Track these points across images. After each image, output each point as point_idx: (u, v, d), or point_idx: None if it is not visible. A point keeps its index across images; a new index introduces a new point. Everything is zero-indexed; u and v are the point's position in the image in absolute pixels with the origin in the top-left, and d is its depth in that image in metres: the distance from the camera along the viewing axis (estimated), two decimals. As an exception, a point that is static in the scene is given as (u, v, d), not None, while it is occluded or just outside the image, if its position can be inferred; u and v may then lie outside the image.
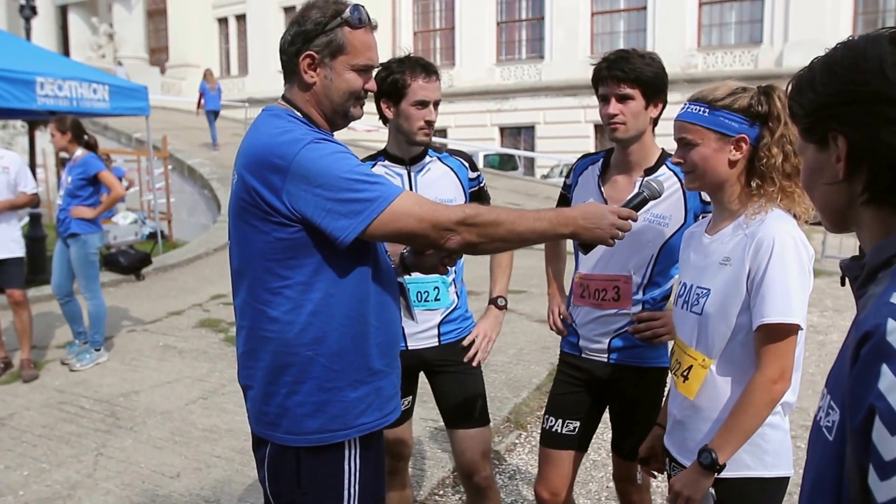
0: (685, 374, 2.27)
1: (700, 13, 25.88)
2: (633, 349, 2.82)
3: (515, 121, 28.49)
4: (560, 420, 2.95)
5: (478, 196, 3.12)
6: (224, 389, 5.95)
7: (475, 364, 3.07)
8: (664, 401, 2.55)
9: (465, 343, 3.08)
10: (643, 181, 2.61)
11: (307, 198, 1.95)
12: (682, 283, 2.35)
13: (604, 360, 2.87)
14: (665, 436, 2.43)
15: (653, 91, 2.68)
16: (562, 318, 3.01)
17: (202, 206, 16.53)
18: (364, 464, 2.16)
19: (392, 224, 1.98)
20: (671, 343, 2.81)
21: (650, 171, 2.77)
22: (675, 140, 2.26)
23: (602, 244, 2.17)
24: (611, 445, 3.08)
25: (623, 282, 2.79)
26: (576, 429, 2.94)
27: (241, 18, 33.03)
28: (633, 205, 2.28)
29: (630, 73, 2.64)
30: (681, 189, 2.73)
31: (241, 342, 2.18)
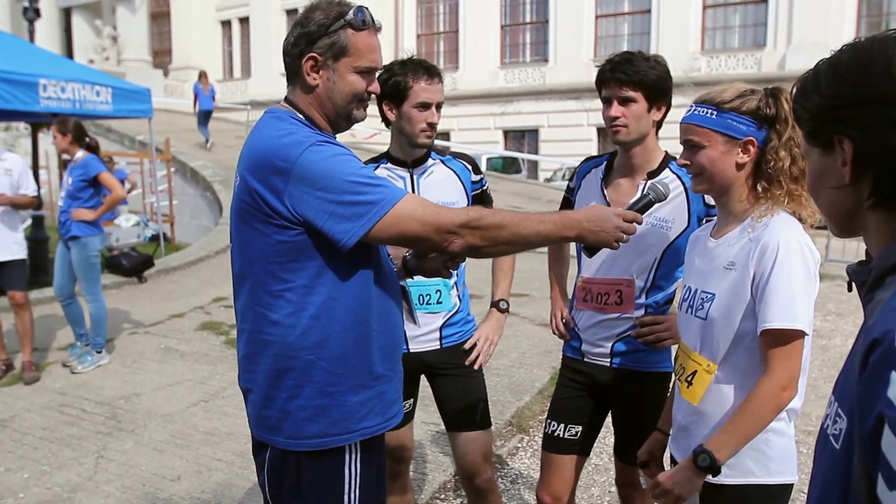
0: (689, 380, 2.25)
1: (704, 16, 25.85)
2: (636, 353, 2.80)
3: (519, 124, 28.47)
4: (562, 424, 2.93)
5: (481, 199, 3.11)
6: (225, 392, 5.94)
7: (477, 367, 3.06)
8: (666, 406, 2.53)
9: (467, 346, 3.08)
10: (649, 183, 2.60)
11: (309, 200, 1.94)
12: (687, 288, 2.33)
13: (606, 365, 2.85)
14: (669, 441, 2.41)
15: (656, 94, 2.66)
16: (564, 323, 3.00)
17: (204, 209, 16.53)
18: (365, 468, 2.14)
19: (395, 227, 1.96)
20: (674, 347, 2.80)
21: (653, 175, 2.76)
22: (682, 142, 2.24)
23: (606, 247, 2.16)
24: (613, 450, 3.07)
25: (626, 286, 2.77)
26: (578, 433, 2.92)
27: (245, 21, 33.07)
28: (638, 207, 2.26)
29: (633, 76, 2.62)
30: (684, 192, 2.71)
31: (242, 345, 2.17)
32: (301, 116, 2.12)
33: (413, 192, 2.94)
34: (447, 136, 28.12)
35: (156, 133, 12.22)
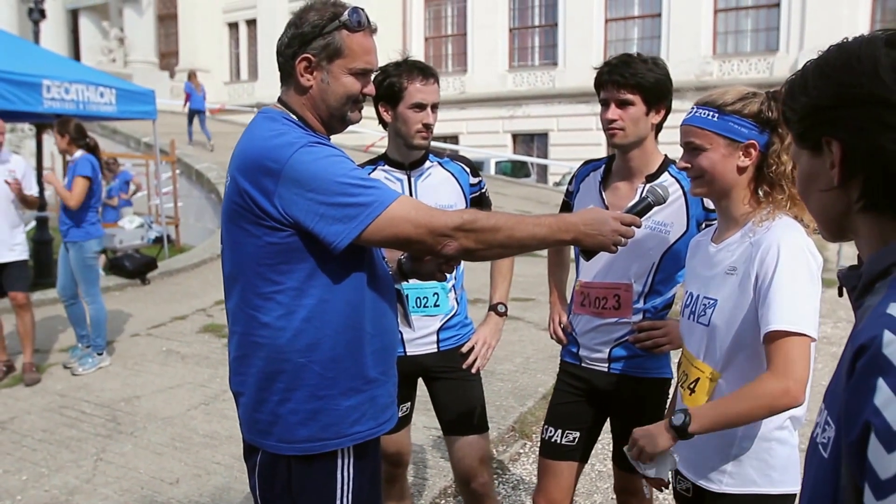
0: (692, 387, 2.21)
1: (715, 20, 25.59)
2: (634, 359, 2.76)
3: (528, 128, 28.25)
4: (560, 430, 2.90)
5: (479, 202, 3.08)
6: (225, 395, 5.91)
7: (474, 371, 3.04)
8: (667, 412, 2.49)
9: (465, 350, 3.05)
10: (648, 186, 2.57)
11: (300, 202, 1.91)
12: (689, 294, 2.30)
13: (604, 370, 2.81)
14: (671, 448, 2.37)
15: (654, 97, 2.63)
16: (562, 327, 2.97)
17: (209, 211, 16.51)
18: (358, 474, 2.11)
19: (388, 229, 1.93)
20: (673, 353, 2.76)
21: (652, 178, 2.72)
22: (682, 145, 2.20)
23: (604, 251, 2.12)
24: (611, 457, 3.02)
25: (624, 290, 2.73)
26: (576, 439, 2.88)
27: (252, 23, 33.07)
28: (637, 210, 2.23)
29: (630, 79, 2.59)
30: (683, 196, 2.68)
31: (233, 348, 2.15)
32: (294, 117, 2.10)
33: (410, 195, 2.92)
34: (456, 140, 28.02)
35: (162, 135, 12.23)
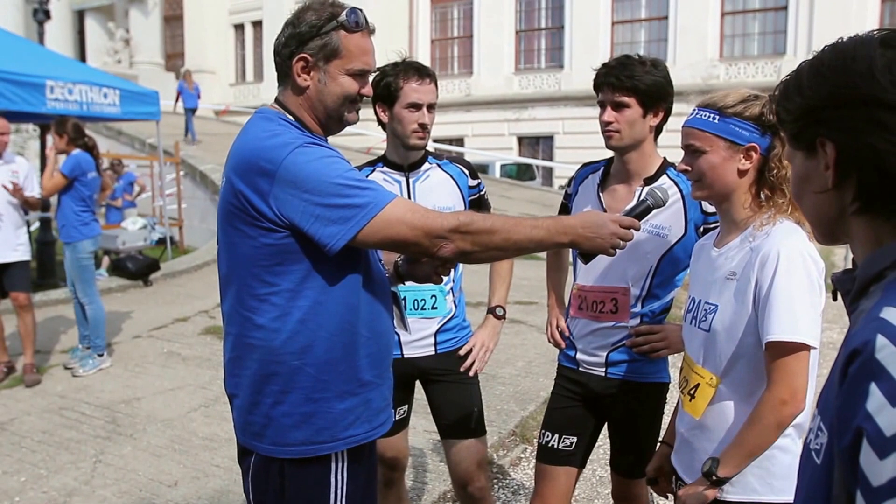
0: (692, 393, 2.19)
1: (722, 23, 25.32)
2: (631, 363, 2.74)
3: (534, 130, 27.97)
4: (556, 435, 2.87)
5: (478, 204, 3.06)
6: (225, 398, 5.78)
7: (472, 374, 3.03)
8: (672, 418, 2.46)
9: (462, 352, 3.04)
10: (647, 189, 2.55)
11: (295, 203, 1.90)
12: (691, 298, 2.28)
13: (601, 374, 2.79)
14: (672, 454, 2.35)
15: (651, 100, 2.60)
16: (560, 331, 2.94)
17: (213, 213, 16.38)
18: (352, 478, 2.10)
19: (383, 231, 1.92)
20: (671, 357, 2.73)
21: (650, 181, 2.70)
22: (683, 147, 2.18)
23: (602, 254, 2.10)
24: (609, 462, 2.99)
25: (621, 294, 2.71)
26: (573, 444, 2.86)
27: (258, 25, 33.05)
28: (636, 213, 2.21)
29: (626, 82, 2.57)
30: (681, 199, 2.66)
31: (228, 349, 2.14)
32: (291, 118, 2.09)
33: (409, 197, 2.91)
34: (461, 142, 27.89)
35: (167, 136, 12.21)
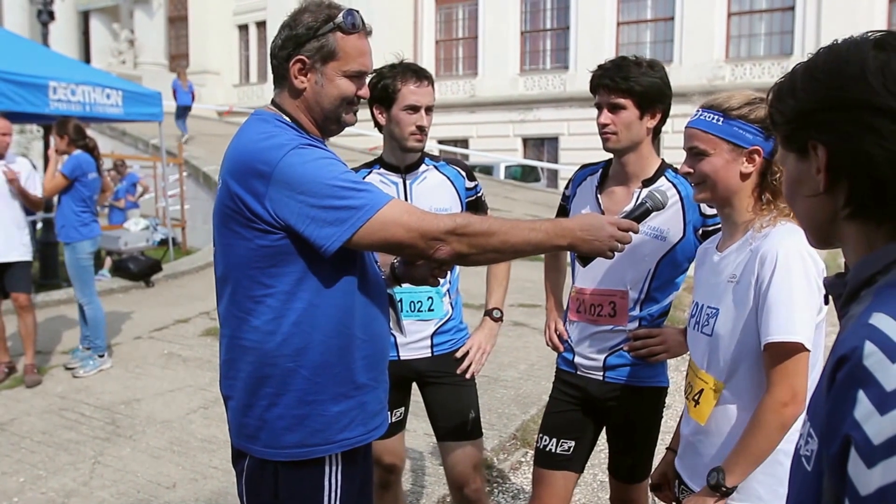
0: (696, 399, 2.17)
1: (728, 24, 24.99)
2: (629, 367, 2.72)
3: (539, 132, 27.64)
4: (554, 439, 2.85)
5: (475, 206, 3.06)
6: (225, 399, 5.87)
7: (468, 376, 3.02)
8: (678, 424, 2.44)
9: (459, 355, 3.03)
10: (646, 191, 2.53)
11: (291, 204, 1.89)
12: (694, 303, 2.26)
13: (599, 378, 2.77)
14: (676, 459, 2.32)
15: (647, 102, 2.58)
16: (558, 334, 2.92)
17: (215, 214, 16.47)
18: (346, 481, 2.08)
19: (379, 233, 1.91)
20: (674, 361, 2.71)
21: (648, 183, 2.68)
22: (685, 149, 2.16)
23: (600, 256, 2.09)
24: (607, 467, 2.97)
25: (619, 297, 2.69)
26: (571, 448, 2.83)
27: (262, 25, 33.01)
28: (635, 216, 2.20)
29: (621, 83, 2.55)
30: (680, 202, 2.64)
31: (223, 351, 2.13)
32: (287, 119, 2.08)
33: (405, 198, 2.91)
34: (466, 144, 27.73)
35: (172, 137, 12.21)
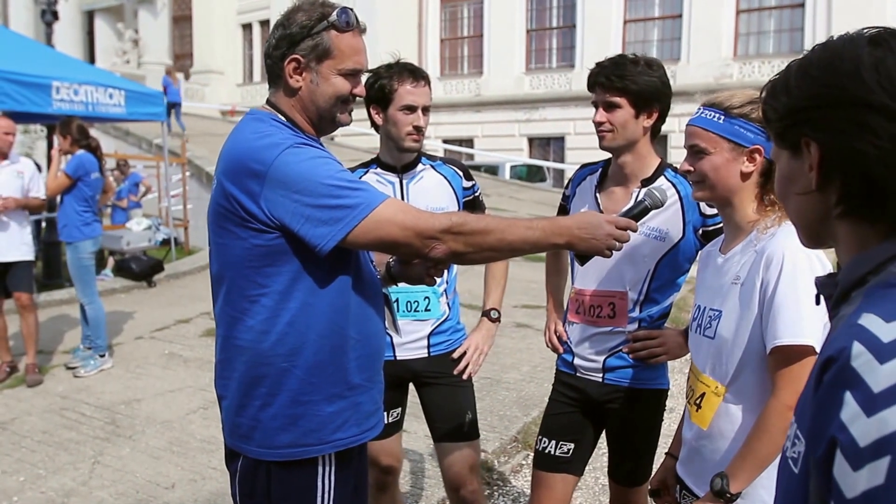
0: (698, 403, 2.14)
1: (737, 21, 24.51)
2: (629, 369, 2.69)
3: (545, 131, 27.29)
4: (553, 441, 2.83)
5: (472, 205, 3.05)
6: (226, 399, 5.86)
7: (465, 377, 3.00)
8: (677, 429, 2.41)
9: (456, 355, 3.02)
10: (644, 190, 2.51)
11: (285, 204, 1.88)
12: (697, 306, 2.23)
13: (598, 380, 2.74)
14: (678, 463, 2.29)
15: (643, 100, 2.56)
16: (558, 336, 2.90)
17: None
18: (340, 481, 2.07)
19: (374, 232, 1.90)
20: (676, 364, 2.69)
21: (647, 182, 2.66)
22: (686, 147, 2.14)
23: (598, 255, 2.06)
24: (607, 470, 2.95)
25: (619, 298, 2.67)
26: (570, 451, 2.81)
27: (265, 24, 32.96)
28: (634, 214, 2.18)
29: (617, 82, 2.53)
30: (679, 201, 2.61)
31: (218, 351, 2.12)
32: (283, 119, 2.07)
33: (402, 198, 2.89)
34: (471, 143, 27.58)
35: (176, 136, 12.20)
